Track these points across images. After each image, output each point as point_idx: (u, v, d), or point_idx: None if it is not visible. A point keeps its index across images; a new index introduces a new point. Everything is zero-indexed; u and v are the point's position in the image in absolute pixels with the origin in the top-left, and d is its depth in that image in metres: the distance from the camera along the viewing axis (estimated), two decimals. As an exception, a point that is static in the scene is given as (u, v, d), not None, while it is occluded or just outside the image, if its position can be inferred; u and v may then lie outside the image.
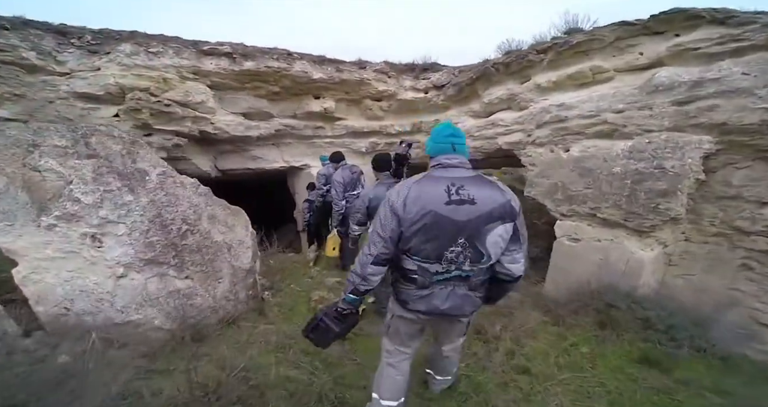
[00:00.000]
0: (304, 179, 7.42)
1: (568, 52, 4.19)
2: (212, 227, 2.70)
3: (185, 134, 5.19)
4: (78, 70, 4.51)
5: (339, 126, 7.19)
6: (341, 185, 4.34)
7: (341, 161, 4.73)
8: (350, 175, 4.48)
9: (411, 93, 7.07)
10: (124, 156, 2.28)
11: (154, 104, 4.52)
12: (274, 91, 6.20)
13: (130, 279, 2.23)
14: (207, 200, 2.76)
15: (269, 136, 6.63)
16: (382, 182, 3.05)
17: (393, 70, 7.20)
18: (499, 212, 1.43)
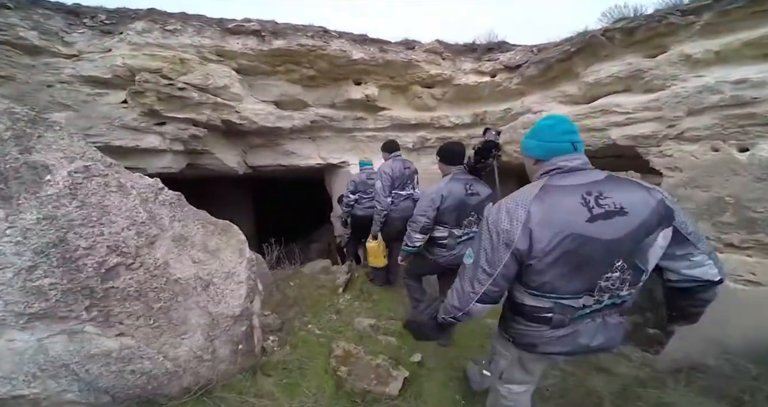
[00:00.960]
0: (342, 178, 6.48)
1: (742, 12, 2.72)
2: (176, 255, 1.79)
3: (204, 123, 4.47)
4: (87, 52, 3.95)
5: (383, 117, 6.14)
6: (389, 178, 3.41)
7: (395, 151, 3.71)
8: (402, 169, 3.50)
9: (473, 77, 5.81)
10: (6, 142, 1.43)
11: (164, 87, 3.82)
12: (309, 76, 5.31)
13: (6, 341, 1.38)
14: (173, 214, 1.85)
15: (304, 128, 5.78)
16: (456, 177, 2.40)
17: (448, 51, 5.98)
18: (656, 218, 1.10)
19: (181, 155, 4.57)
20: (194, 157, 4.91)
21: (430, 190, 2.42)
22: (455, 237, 2.42)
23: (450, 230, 2.41)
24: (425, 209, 2.35)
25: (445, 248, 2.44)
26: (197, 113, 4.22)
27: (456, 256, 2.42)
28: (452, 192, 2.33)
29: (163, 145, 4.20)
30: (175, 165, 4.51)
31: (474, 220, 2.44)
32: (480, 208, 2.39)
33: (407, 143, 6.29)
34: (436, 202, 2.32)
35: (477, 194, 2.38)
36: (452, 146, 2.54)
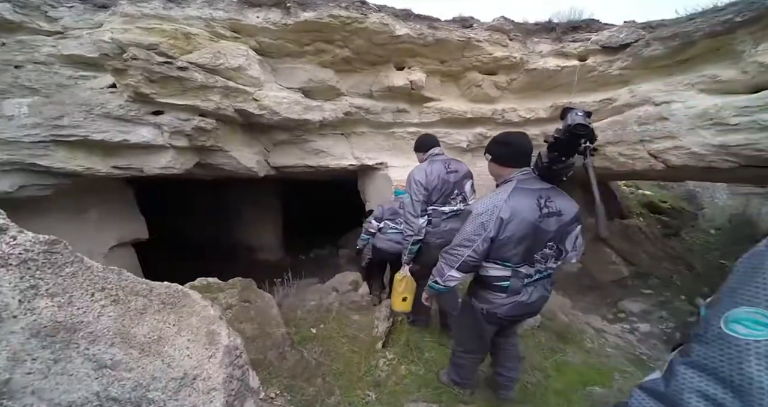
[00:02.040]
0: (379, 183, 5.48)
1: None
2: (43, 364, 0.86)
3: (213, 112, 3.63)
4: (74, 28, 3.27)
5: (430, 109, 5.06)
6: (421, 189, 2.39)
7: (432, 148, 2.65)
8: (444, 174, 2.45)
9: (553, 61, 4.61)
10: None
11: (157, 65, 3.00)
12: (342, 57, 4.35)
13: None
14: (33, 285, 0.92)
15: (336, 121, 4.83)
16: (522, 187, 1.61)
17: (517, 30, 4.78)
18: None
19: (186, 153, 3.78)
20: (204, 155, 4.12)
21: (480, 207, 1.62)
22: (522, 277, 1.65)
23: (515, 268, 1.63)
24: (472, 236, 1.60)
25: (504, 293, 1.67)
26: (202, 98, 3.38)
27: (523, 304, 1.68)
28: (517, 212, 1.55)
29: (159, 139, 3.42)
30: (179, 165, 3.74)
31: (553, 253, 1.66)
32: (563, 235, 1.65)
33: (460, 141, 5.14)
34: (489, 228, 1.55)
35: (557, 214, 1.61)
36: (512, 137, 1.70)
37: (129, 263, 4.77)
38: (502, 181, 1.69)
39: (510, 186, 1.60)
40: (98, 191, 4.21)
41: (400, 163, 5.37)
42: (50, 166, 3.11)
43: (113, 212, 4.41)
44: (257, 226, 8.95)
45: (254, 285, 2.75)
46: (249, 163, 4.52)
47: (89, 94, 3.12)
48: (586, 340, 3.86)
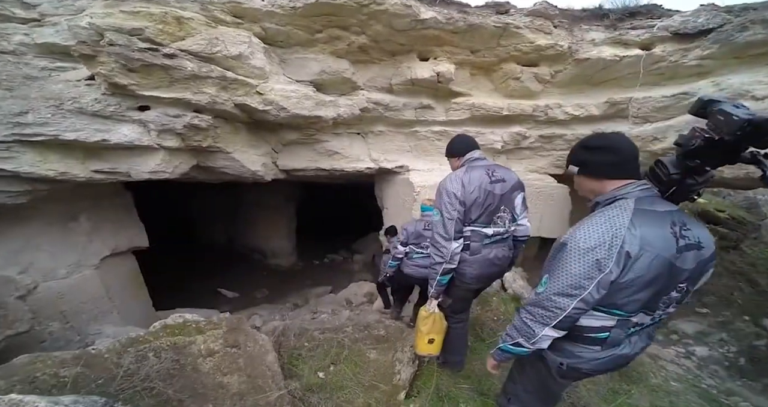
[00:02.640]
0: (399, 188, 4.89)
1: None
2: None
3: (209, 108, 3.14)
4: (53, 15, 2.85)
5: (459, 106, 4.44)
6: (455, 203, 1.81)
7: (469, 151, 2.06)
8: (487, 182, 1.87)
9: (608, 50, 3.98)
10: None
11: (138, 51, 2.51)
12: (359, 46, 3.79)
13: None
14: None
15: (351, 119, 4.28)
16: (646, 209, 1.13)
17: (563, 16, 4.18)
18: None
19: (179, 154, 3.31)
20: (203, 157, 3.65)
21: (588, 238, 1.13)
22: (629, 327, 1.24)
23: (625, 318, 1.21)
24: (581, 280, 1.12)
25: (600, 346, 1.26)
26: (194, 91, 2.88)
27: (621, 357, 1.28)
28: (648, 245, 1.09)
29: (146, 139, 2.95)
30: (171, 168, 3.26)
31: (679, 296, 1.23)
32: (700, 274, 1.22)
33: (493, 142, 4.49)
34: (608, 267, 1.09)
35: (697, 247, 1.16)
36: (613, 139, 1.25)
37: (126, 273, 4.39)
38: (606, 200, 1.20)
39: (627, 208, 1.12)
40: (90, 197, 3.82)
41: (424, 166, 4.76)
42: (17, 170, 2.69)
43: (107, 219, 4.01)
44: (270, 230, 8.56)
45: (245, 325, 2.22)
46: (254, 166, 4.02)
47: (60, 88, 2.68)
48: (649, 373, 3.23)
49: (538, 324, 1.22)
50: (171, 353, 1.88)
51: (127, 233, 4.29)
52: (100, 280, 3.82)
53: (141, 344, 1.89)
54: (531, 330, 1.24)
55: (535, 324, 1.23)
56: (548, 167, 4.89)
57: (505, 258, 1.98)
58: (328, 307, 6.32)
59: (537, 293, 1.24)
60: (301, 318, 5.77)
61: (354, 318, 4.94)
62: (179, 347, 1.93)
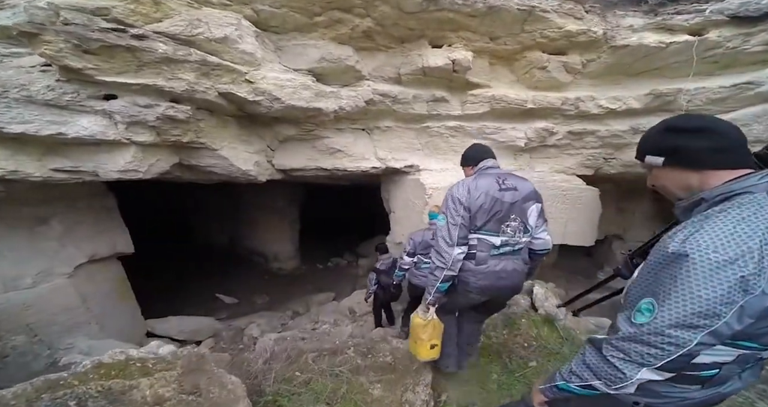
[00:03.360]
0: (408, 190, 4.43)
1: None
2: None
3: (188, 97, 2.70)
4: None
5: (476, 98, 3.96)
6: (459, 208, 1.74)
7: (483, 160, 1.99)
8: (495, 189, 1.77)
9: (651, 36, 3.56)
10: None
11: (99, 31, 2.09)
12: (363, 30, 3.35)
13: None
14: None
15: (355, 113, 3.83)
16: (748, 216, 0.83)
17: (594, 1, 3.74)
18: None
19: (155, 151, 2.89)
20: (186, 154, 3.23)
21: (719, 249, 0.81)
22: (748, 362, 0.95)
23: (754, 352, 0.91)
24: (717, 307, 0.81)
25: (702, 386, 0.97)
26: (168, 76, 2.45)
27: (720, 395, 1.00)
28: None
29: (111, 132, 2.53)
30: (145, 166, 2.84)
31: None
32: None
33: (515, 139, 3.98)
34: (756, 288, 0.79)
35: None
36: (708, 121, 0.93)
37: (108, 281, 4.01)
38: (717, 196, 0.90)
39: (764, 204, 0.83)
40: (64, 198, 3.44)
41: (436, 165, 4.27)
42: (-44, 168, 2.32)
43: (84, 223, 3.63)
44: (272, 233, 8.16)
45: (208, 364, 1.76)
46: (244, 164, 3.59)
47: (10, 74, 2.27)
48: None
49: (633, 364, 0.91)
50: (102, 401, 1.44)
51: (108, 238, 3.91)
52: (75, 289, 3.44)
53: (61, 389, 1.45)
54: (619, 373, 0.93)
55: (628, 364, 0.92)
56: (576, 167, 4.35)
57: (514, 272, 1.84)
58: (330, 316, 5.89)
59: (636, 324, 0.92)
60: (300, 329, 5.37)
61: (356, 332, 4.49)
62: (115, 393, 1.48)
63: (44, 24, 2.16)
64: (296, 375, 2.57)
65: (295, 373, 2.62)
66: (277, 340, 4.71)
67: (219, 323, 5.62)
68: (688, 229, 0.87)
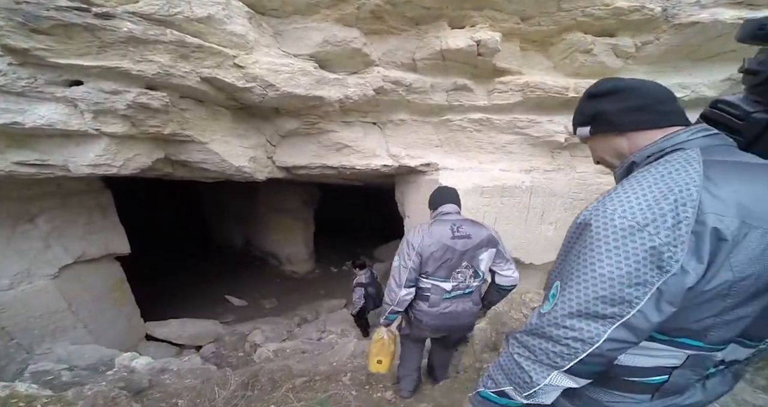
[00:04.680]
0: (425, 190, 3.93)
1: None
2: None
3: (164, 83, 2.35)
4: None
5: (506, 86, 3.45)
6: (412, 253, 1.88)
7: (443, 205, 2.09)
8: (448, 237, 1.90)
9: (727, 12, 2.96)
10: None
11: (55, 10, 1.77)
12: (371, 10, 2.91)
13: None
14: None
15: (363, 103, 3.40)
16: (731, 161, 0.72)
17: None
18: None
19: (133, 144, 2.57)
20: (172, 148, 2.90)
21: (626, 208, 0.67)
22: (705, 367, 0.77)
23: (705, 353, 0.74)
24: (618, 291, 0.65)
25: (652, 396, 0.80)
26: (136, 59, 2.10)
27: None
28: (752, 214, 0.62)
29: (75, 122, 2.22)
30: (120, 160, 2.52)
31: None
32: None
33: (554, 133, 3.41)
34: (673, 262, 0.62)
35: None
36: (631, 80, 0.88)
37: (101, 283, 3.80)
38: (648, 155, 0.77)
39: (691, 159, 0.68)
40: (53, 195, 3.24)
41: (458, 164, 3.75)
42: None
43: (74, 222, 3.42)
44: (286, 235, 7.89)
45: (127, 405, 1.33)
46: (238, 160, 3.23)
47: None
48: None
49: (540, 366, 0.73)
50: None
51: (101, 238, 3.69)
52: (59, 292, 3.23)
53: None
54: (526, 376, 0.75)
55: (535, 366, 0.74)
56: (626, 170, 3.68)
57: (464, 313, 2.00)
58: (338, 326, 5.49)
59: (542, 313, 0.76)
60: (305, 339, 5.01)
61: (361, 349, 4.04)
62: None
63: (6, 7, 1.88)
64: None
65: (270, 407, 2.21)
66: (276, 351, 4.39)
67: (222, 327, 5.35)
68: (605, 193, 0.74)
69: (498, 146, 3.81)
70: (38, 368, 2.64)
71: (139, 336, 4.41)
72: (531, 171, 3.72)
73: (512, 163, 3.85)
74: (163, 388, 2.53)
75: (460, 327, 2.09)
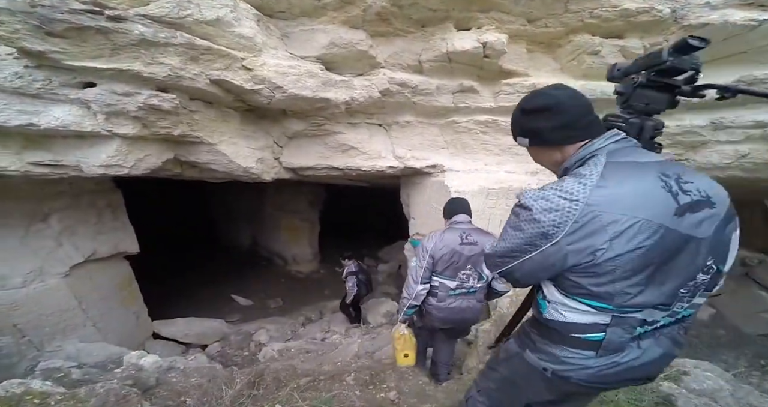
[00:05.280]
0: (431, 193, 3.95)
1: None
2: None
3: (175, 85, 2.40)
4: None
5: (512, 87, 3.46)
6: (426, 255, 2.29)
7: (456, 214, 2.43)
8: (457, 243, 2.27)
9: (737, 13, 2.93)
10: None
11: (69, 13, 1.82)
12: (377, 12, 2.93)
13: None
14: None
15: (369, 105, 3.42)
16: (623, 161, 1.00)
17: None
18: None
19: (144, 145, 2.62)
20: (181, 149, 2.95)
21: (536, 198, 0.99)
22: (632, 327, 1.00)
23: (620, 315, 1.01)
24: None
25: (595, 352, 1.02)
26: (147, 61, 2.14)
27: (629, 368, 1.05)
28: (627, 207, 0.91)
29: (89, 123, 2.27)
30: (131, 161, 2.58)
31: (710, 276, 1.00)
32: (723, 242, 1.00)
33: (559, 135, 3.33)
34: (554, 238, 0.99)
35: (708, 204, 0.99)
36: (557, 94, 1.05)
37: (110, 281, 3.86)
38: (575, 163, 0.99)
39: (598, 163, 0.94)
40: (65, 195, 3.30)
41: (463, 166, 3.76)
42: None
43: (86, 221, 3.49)
44: (291, 235, 7.95)
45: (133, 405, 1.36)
46: (246, 161, 3.27)
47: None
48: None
49: None
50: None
51: (111, 237, 3.76)
52: (70, 290, 3.29)
53: None
54: None
55: None
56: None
57: (468, 309, 2.34)
58: (342, 326, 5.51)
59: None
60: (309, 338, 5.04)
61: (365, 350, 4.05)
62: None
63: (23, 10, 1.92)
64: (282, 414, 2.17)
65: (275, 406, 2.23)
66: (281, 351, 4.42)
67: (228, 326, 5.40)
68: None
69: (504, 147, 3.81)
70: (48, 365, 2.69)
71: (146, 334, 4.47)
72: (537, 173, 3.71)
73: (518, 165, 3.84)
74: (170, 386, 2.56)
75: (464, 320, 2.43)
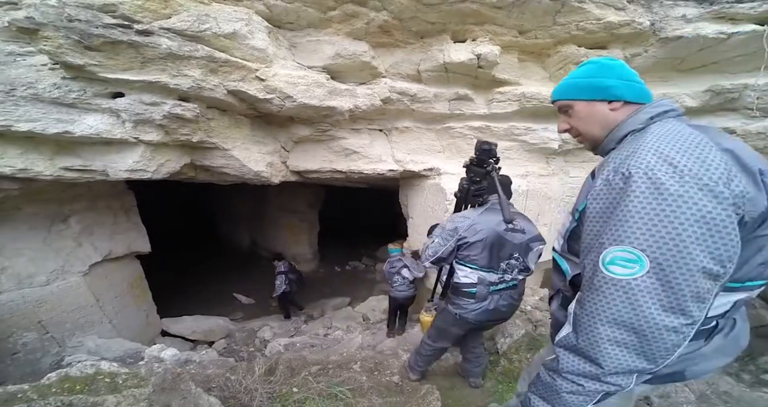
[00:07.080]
0: (427, 195, 4.18)
1: None
2: None
3: (196, 95, 2.61)
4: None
5: (504, 96, 3.69)
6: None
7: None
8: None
9: (709, 26, 3.19)
10: None
11: (103, 28, 2.02)
12: (379, 25, 3.15)
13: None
14: None
15: (372, 113, 3.65)
16: None
17: None
18: None
19: (166, 150, 2.83)
20: (198, 154, 3.16)
21: None
22: (487, 285, 1.93)
23: (480, 274, 1.92)
24: None
25: (474, 300, 1.98)
26: (173, 73, 2.36)
27: (490, 311, 1.97)
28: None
29: (118, 131, 2.48)
30: (154, 166, 2.78)
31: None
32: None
33: (548, 140, 3.65)
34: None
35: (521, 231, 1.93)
36: None
37: (123, 279, 4.04)
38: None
39: None
40: (84, 197, 3.48)
41: (458, 169, 3.98)
42: (-35, 166, 2.33)
43: (102, 223, 3.67)
44: (291, 235, 8.14)
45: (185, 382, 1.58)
46: (257, 165, 3.48)
47: (20, 73, 2.27)
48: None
49: None
50: (64, 422, 1.31)
51: (125, 238, 3.94)
52: (89, 287, 3.47)
53: (17, 402, 1.33)
54: None
55: None
56: (616, 174, 3.92)
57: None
58: (344, 323, 5.71)
59: None
60: (312, 334, 5.23)
61: (368, 342, 4.27)
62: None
63: (46, 22, 2.13)
64: (292, 392, 2.39)
65: (292, 389, 2.44)
66: (287, 345, 4.61)
67: (233, 324, 5.58)
68: None
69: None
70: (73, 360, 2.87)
71: (156, 331, 4.64)
72: (527, 176, 3.97)
73: (510, 168, 4.10)
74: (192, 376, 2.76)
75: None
